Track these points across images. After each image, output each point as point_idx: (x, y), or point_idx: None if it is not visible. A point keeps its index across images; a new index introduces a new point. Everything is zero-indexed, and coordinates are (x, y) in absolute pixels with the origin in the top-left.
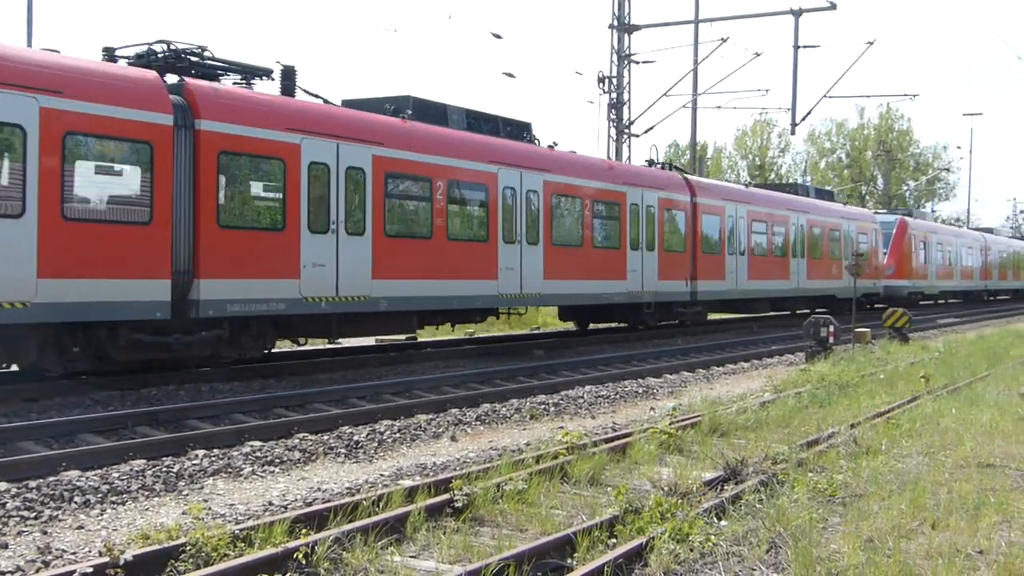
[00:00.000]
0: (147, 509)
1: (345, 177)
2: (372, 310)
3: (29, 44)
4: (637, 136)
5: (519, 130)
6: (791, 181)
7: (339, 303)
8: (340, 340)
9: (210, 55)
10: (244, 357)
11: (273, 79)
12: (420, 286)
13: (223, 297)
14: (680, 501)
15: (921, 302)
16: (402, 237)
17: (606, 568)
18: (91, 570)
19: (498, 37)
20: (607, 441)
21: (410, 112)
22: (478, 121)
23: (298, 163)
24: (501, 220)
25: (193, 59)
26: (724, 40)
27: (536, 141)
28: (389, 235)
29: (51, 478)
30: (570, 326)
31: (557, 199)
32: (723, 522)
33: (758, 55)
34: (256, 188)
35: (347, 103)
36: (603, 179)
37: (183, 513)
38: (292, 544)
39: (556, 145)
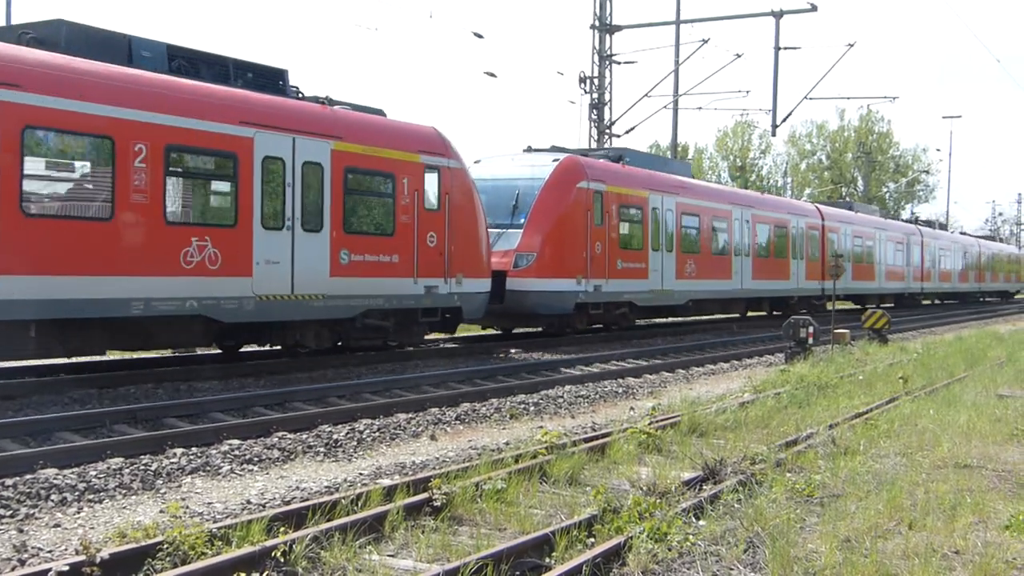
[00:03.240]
0: (124, 507)
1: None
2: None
3: None
4: (619, 136)
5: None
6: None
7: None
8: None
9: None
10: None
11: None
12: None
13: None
14: (659, 501)
15: (629, 325)
16: (688, 253)
17: (584, 567)
18: (67, 568)
19: (479, 37)
20: (586, 441)
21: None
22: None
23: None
24: None
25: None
26: (705, 41)
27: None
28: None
29: (28, 476)
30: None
31: None
32: (701, 522)
33: (739, 56)
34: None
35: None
36: None
37: (160, 511)
38: (270, 543)
39: None
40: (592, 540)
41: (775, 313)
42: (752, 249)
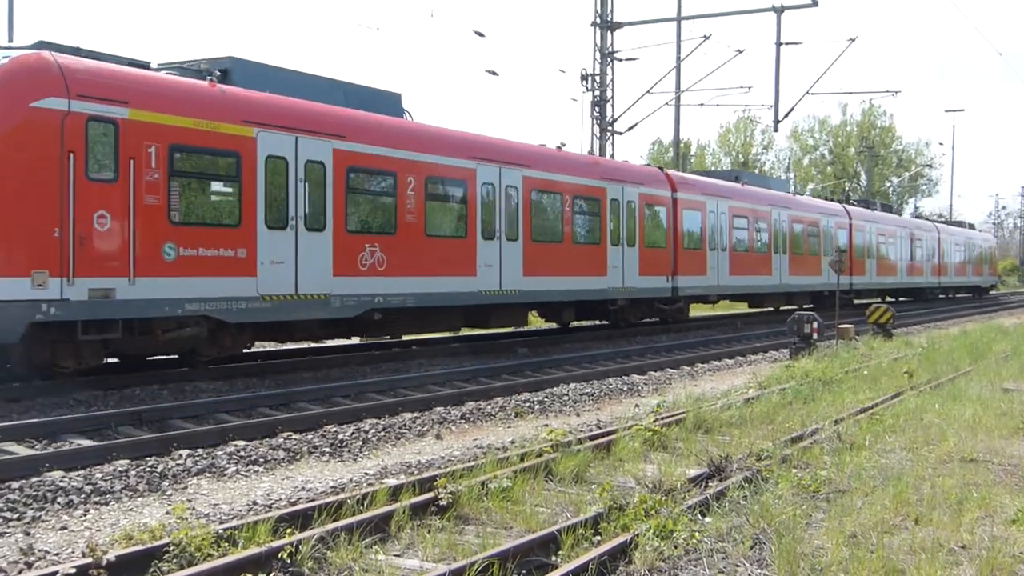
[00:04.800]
0: (130, 509)
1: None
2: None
3: (10, 39)
4: (620, 133)
5: None
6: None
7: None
8: (324, 340)
9: None
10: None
11: None
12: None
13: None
14: (664, 498)
15: (218, 357)
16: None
17: (591, 565)
18: (74, 571)
19: (481, 35)
20: (592, 438)
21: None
22: None
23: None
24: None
25: None
26: (707, 37)
27: None
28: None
29: (34, 479)
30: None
31: None
32: (707, 519)
33: (741, 52)
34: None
35: None
36: None
37: (167, 513)
38: (276, 543)
39: None
40: (598, 538)
41: (597, 323)
42: (524, 230)
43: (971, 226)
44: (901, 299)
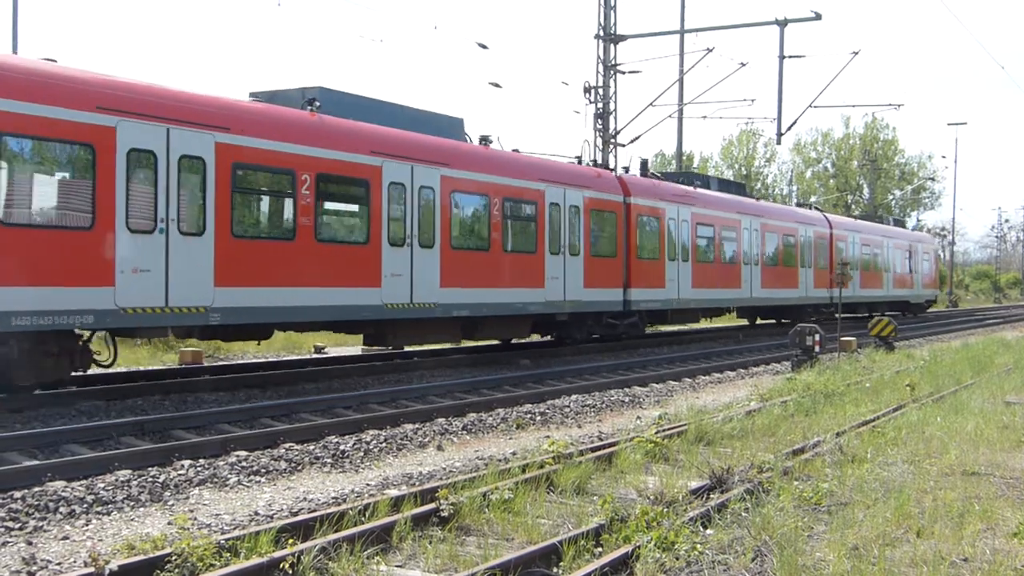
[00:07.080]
0: (132, 519)
1: None
2: None
3: (15, 50)
4: (623, 146)
5: None
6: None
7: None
8: (327, 350)
9: None
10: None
11: None
12: None
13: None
14: (666, 510)
15: None
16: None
17: None
18: None
19: (484, 47)
20: (593, 450)
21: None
22: None
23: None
24: None
25: None
26: (710, 50)
27: None
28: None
29: (36, 489)
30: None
31: None
32: (709, 530)
33: (744, 65)
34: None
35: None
36: None
37: (169, 523)
38: (278, 554)
39: None
40: (600, 549)
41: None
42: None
43: (900, 223)
44: (765, 321)
